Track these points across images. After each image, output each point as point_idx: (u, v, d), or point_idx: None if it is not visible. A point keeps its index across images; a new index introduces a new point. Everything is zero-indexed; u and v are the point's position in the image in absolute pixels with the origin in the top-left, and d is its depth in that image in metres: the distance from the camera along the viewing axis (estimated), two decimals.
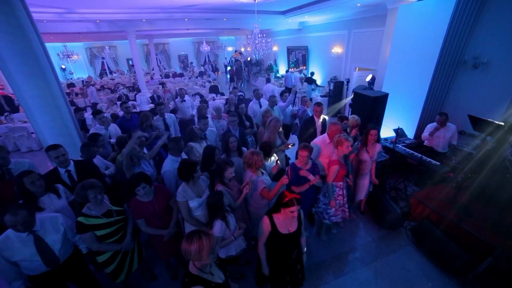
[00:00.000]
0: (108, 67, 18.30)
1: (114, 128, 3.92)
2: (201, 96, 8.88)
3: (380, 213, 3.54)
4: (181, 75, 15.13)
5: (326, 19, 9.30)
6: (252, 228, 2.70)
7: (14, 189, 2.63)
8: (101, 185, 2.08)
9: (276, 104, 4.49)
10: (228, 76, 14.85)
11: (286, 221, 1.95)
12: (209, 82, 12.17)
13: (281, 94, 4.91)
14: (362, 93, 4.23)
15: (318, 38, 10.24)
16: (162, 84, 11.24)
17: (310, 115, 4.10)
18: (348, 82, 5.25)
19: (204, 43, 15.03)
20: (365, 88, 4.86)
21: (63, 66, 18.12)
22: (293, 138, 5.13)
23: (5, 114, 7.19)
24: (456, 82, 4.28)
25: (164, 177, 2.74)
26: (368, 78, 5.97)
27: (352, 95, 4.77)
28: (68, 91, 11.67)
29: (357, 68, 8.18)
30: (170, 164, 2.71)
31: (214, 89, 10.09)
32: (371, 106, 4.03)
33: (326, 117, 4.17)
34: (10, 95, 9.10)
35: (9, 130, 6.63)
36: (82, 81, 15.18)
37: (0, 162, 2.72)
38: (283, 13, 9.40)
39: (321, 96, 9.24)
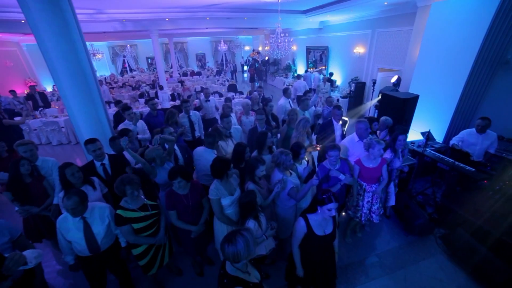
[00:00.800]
0: (129, 65, 18.90)
1: (141, 124, 4.04)
2: (220, 94, 8.97)
3: (408, 218, 3.42)
4: (198, 73, 15.35)
5: (348, 19, 9.10)
6: (278, 229, 2.69)
7: (43, 184, 2.78)
8: (138, 182, 2.14)
9: (307, 109, 4.37)
10: (245, 75, 14.89)
11: (322, 222, 1.92)
12: (227, 81, 12.28)
13: (304, 94, 4.86)
14: (391, 95, 4.08)
15: (339, 37, 10.04)
16: (181, 82, 11.46)
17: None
18: (374, 83, 5.08)
19: (222, 42, 15.18)
20: (392, 89, 4.69)
21: None
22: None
23: (39, 109, 7.62)
24: (494, 83, 4.01)
25: (197, 161, 2.97)
26: (393, 79, 5.77)
27: (379, 96, 4.62)
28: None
29: (380, 69, 7.94)
30: (204, 152, 2.95)
31: (232, 88, 10.16)
32: (400, 108, 3.89)
33: (346, 119, 4.04)
34: (44, 91, 9.63)
35: (43, 124, 7.05)
36: (104, 78, 15.82)
37: (28, 154, 2.76)
38: (304, 12, 9.30)
39: (341, 97, 9.05)
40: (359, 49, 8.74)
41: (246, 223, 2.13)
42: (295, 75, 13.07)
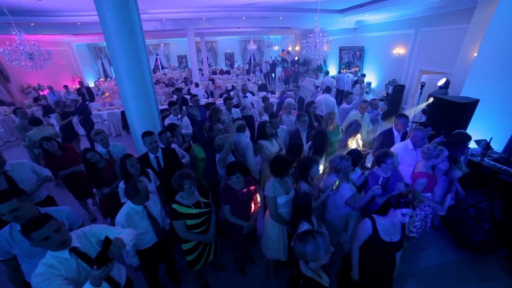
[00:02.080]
0: (161, 63, 19.75)
1: (185, 120, 4.16)
2: (252, 93, 9.01)
3: (462, 232, 3.14)
4: (227, 72, 15.60)
5: (388, 18, 8.66)
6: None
7: (114, 168, 3.02)
8: (195, 177, 2.18)
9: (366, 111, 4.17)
10: (273, 75, 14.80)
11: (390, 228, 1.82)
12: (259, 80, 12.32)
13: (346, 96, 4.69)
14: (447, 99, 3.78)
15: (376, 38, 9.60)
16: (212, 80, 11.71)
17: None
18: (423, 86, 4.75)
19: (252, 41, 15.26)
20: (444, 93, 4.34)
21: None
22: None
23: (86, 102, 8.22)
24: None
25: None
26: (441, 82, 5.36)
27: (429, 100, 4.31)
28: None
29: (422, 71, 7.44)
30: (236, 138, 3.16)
31: (263, 88, 10.16)
32: (456, 114, 3.58)
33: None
34: (89, 87, 10.44)
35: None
36: None
37: (101, 143, 3.19)
38: (341, 11, 9.02)
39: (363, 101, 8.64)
40: (399, 50, 8.28)
41: (300, 226, 2.09)
42: (324, 75, 12.82)
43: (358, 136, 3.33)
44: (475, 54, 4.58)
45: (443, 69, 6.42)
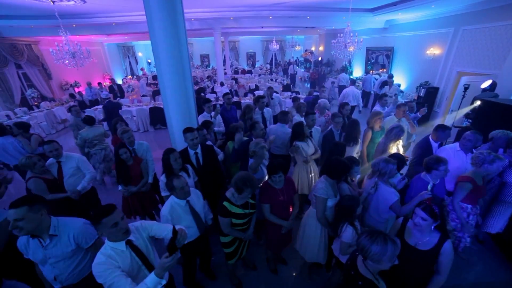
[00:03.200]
0: None
1: (217, 117, 4.22)
2: (276, 92, 8.99)
3: None
4: (249, 71, 15.68)
5: (422, 16, 8.21)
6: None
7: (140, 166, 3.09)
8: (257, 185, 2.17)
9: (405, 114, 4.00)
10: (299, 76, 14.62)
11: (414, 230, 1.76)
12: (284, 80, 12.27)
13: (380, 98, 4.50)
14: (498, 102, 3.50)
15: (408, 37, 9.17)
16: (235, 79, 11.82)
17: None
18: (466, 88, 4.42)
19: (274, 41, 15.21)
20: (494, 96, 4.02)
21: (149, 60, 20.94)
22: None
23: (117, 99, 8.64)
24: None
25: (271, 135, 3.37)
26: (485, 84, 4.98)
27: (475, 104, 4.01)
28: (155, 82, 13.38)
29: (460, 72, 6.98)
30: (279, 127, 3.57)
31: (287, 88, 10.09)
32: (511, 118, 3.30)
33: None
34: (120, 84, 10.99)
35: (120, 112, 7.92)
36: None
37: (128, 141, 3.18)
38: (372, 10, 8.71)
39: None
40: (434, 50, 7.84)
41: (343, 228, 2.04)
42: (351, 77, 12.46)
43: (399, 142, 3.17)
44: None
45: (487, 70, 5.97)
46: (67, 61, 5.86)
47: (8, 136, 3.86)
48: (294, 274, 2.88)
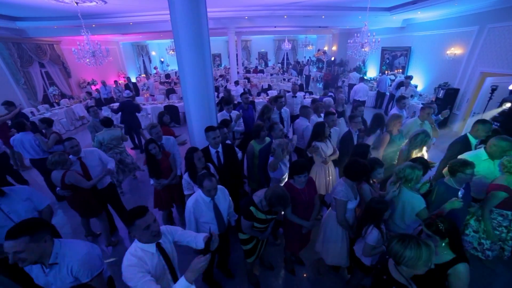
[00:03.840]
0: None
1: (235, 116, 4.23)
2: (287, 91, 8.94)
3: None
4: (261, 71, 15.66)
5: (444, 14, 7.94)
6: None
7: (169, 160, 3.18)
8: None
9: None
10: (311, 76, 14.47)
11: None
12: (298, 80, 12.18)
13: (398, 100, 4.38)
14: None
15: (426, 37, 8.90)
16: (247, 79, 11.84)
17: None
18: (494, 90, 4.24)
19: (286, 41, 15.13)
20: None
21: (162, 59, 21.29)
22: None
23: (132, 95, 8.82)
24: None
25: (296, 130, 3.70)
26: None
27: (505, 106, 3.84)
28: (168, 80, 13.59)
29: (483, 73, 6.71)
30: (301, 120, 3.88)
31: (300, 88, 10.03)
32: None
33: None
34: (135, 82, 11.25)
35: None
36: (175, 72, 17.50)
37: (156, 137, 3.29)
38: (389, 9, 8.51)
39: (423, 105, 8.00)
40: (455, 50, 7.57)
41: (368, 230, 2.01)
42: (365, 77, 12.24)
43: (424, 148, 3.07)
44: None
45: None
46: (87, 60, 6.03)
47: (28, 132, 3.99)
48: (305, 275, 2.87)
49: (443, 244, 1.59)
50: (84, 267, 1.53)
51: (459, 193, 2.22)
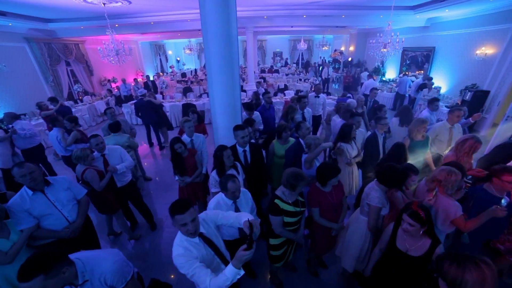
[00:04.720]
0: None
1: (256, 116, 4.20)
2: (324, 93, 8.80)
3: None
4: (276, 71, 15.59)
5: (473, 12, 7.52)
6: None
7: (195, 157, 3.19)
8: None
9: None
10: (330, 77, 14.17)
11: (404, 236, 1.72)
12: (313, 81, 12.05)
13: (431, 102, 4.16)
14: None
15: (452, 36, 8.51)
16: (263, 78, 11.81)
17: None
18: None
19: (302, 41, 14.95)
20: None
21: (178, 58, 21.67)
22: None
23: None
24: None
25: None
26: None
27: None
28: (185, 79, 13.80)
29: None
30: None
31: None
32: None
33: None
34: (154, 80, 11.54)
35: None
36: (191, 71, 17.78)
37: (188, 131, 3.36)
38: (413, 8, 8.21)
39: (447, 107, 7.67)
40: (486, 50, 7.18)
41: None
42: (383, 79, 11.89)
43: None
44: None
45: None
46: (111, 58, 6.23)
47: (60, 128, 4.10)
48: (332, 277, 2.80)
49: (421, 232, 1.65)
50: (118, 275, 1.53)
51: (503, 201, 2.08)
